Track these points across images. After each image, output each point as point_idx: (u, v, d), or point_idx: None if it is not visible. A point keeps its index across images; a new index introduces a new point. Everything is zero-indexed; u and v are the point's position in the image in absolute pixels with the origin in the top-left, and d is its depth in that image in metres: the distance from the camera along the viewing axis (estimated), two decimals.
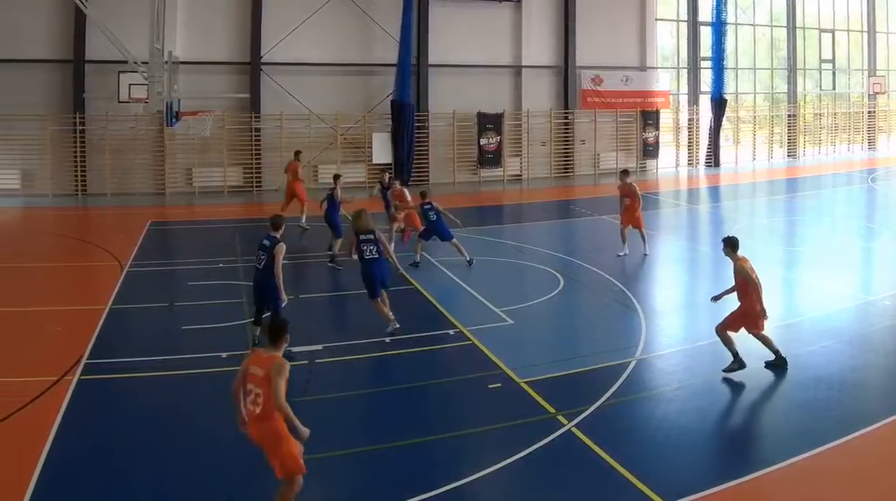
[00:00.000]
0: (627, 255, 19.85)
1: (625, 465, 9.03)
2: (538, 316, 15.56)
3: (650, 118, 39.64)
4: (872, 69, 48.13)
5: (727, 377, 11.72)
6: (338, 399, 10.86)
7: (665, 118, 41.15)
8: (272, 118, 32.74)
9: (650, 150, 39.87)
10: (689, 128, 42.28)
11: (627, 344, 13.40)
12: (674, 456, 9.54)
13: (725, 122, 42.34)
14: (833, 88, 48.04)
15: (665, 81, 41.12)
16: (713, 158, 41.53)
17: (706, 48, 41.65)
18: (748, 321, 11.91)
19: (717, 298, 12.53)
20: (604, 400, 10.97)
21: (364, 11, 33.75)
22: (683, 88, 42.57)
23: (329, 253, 19.63)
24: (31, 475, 8.79)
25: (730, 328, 11.91)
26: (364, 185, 31.18)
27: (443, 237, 19.21)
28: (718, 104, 40.89)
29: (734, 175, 39.35)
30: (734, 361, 11.77)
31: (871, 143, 48.96)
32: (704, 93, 41.97)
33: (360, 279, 14.17)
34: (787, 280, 18.36)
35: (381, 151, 34.19)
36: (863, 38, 48.56)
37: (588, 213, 27.12)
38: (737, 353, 11.76)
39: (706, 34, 41.53)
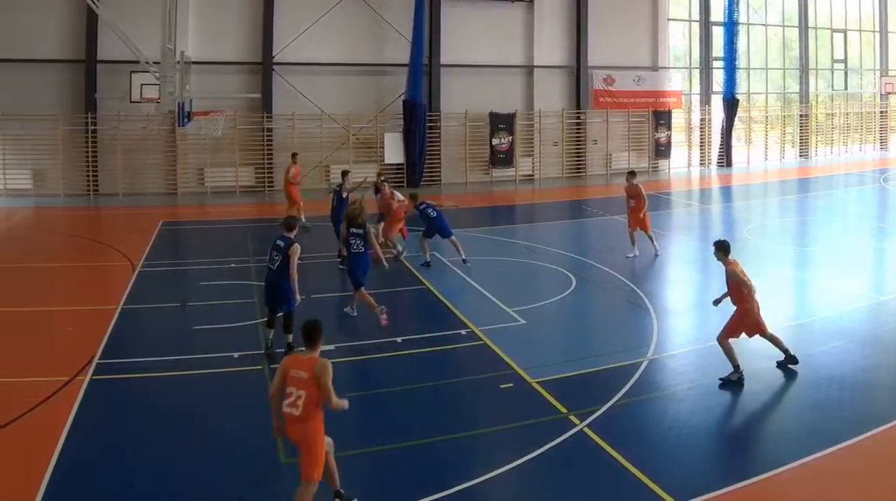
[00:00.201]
0: (637, 257, 19.81)
1: (637, 465, 9.02)
2: (550, 316, 15.55)
3: (662, 118, 39.60)
4: (884, 69, 47.89)
5: (737, 377, 11.62)
6: (349, 399, 10.87)
7: (677, 118, 41.11)
8: (284, 118, 32.81)
9: (662, 150, 39.85)
10: (702, 128, 42.25)
11: (639, 344, 13.39)
12: (686, 456, 9.52)
13: (737, 122, 42.27)
14: (845, 88, 47.87)
15: (677, 81, 41.06)
16: (725, 158, 41.48)
17: (718, 48, 41.58)
18: (748, 326, 11.77)
19: (718, 302, 12.42)
20: (616, 400, 10.96)
21: (376, 11, 33.81)
22: (695, 88, 42.49)
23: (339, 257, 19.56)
24: (43, 475, 8.82)
25: (731, 335, 11.74)
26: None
27: (444, 234, 19.16)
28: (730, 104, 40.83)
29: (746, 175, 39.24)
30: (734, 372, 11.59)
31: (883, 143, 48.75)
32: (716, 93, 41.91)
33: (370, 278, 14.21)
34: (800, 280, 18.34)
35: (393, 151, 34.24)
36: (875, 38, 48.37)
37: (600, 213, 27.07)
38: (738, 365, 11.60)
39: (718, 34, 41.48)
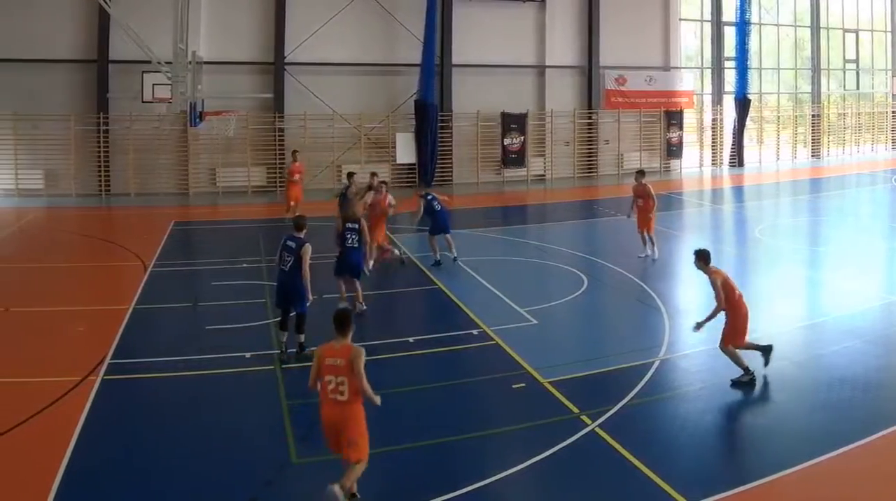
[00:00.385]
0: (649, 257, 19.74)
1: (648, 465, 8.99)
2: (562, 317, 15.53)
3: (674, 118, 39.48)
4: None
5: (749, 379, 11.56)
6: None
7: (689, 118, 40.98)
8: (296, 118, 32.83)
9: (674, 150, 39.73)
10: (713, 128, 42.10)
11: (651, 344, 13.35)
12: (697, 456, 9.51)
13: (749, 122, 42.15)
14: (857, 88, 47.67)
15: (689, 81, 40.92)
16: (737, 158, 41.36)
17: (730, 48, 41.45)
18: (737, 333, 11.58)
19: (700, 326, 11.80)
20: (627, 400, 10.93)
21: (388, 11, 33.81)
22: (707, 88, 42.34)
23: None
24: (55, 475, 8.84)
25: (731, 340, 11.60)
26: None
27: (444, 230, 19.20)
28: (742, 104, 40.71)
29: (758, 175, 39.11)
30: (744, 374, 11.51)
31: (895, 143, 48.51)
32: (728, 93, 41.79)
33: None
34: (811, 280, 18.27)
35: (405, 151, 34.22)
36: (886, 38, 48.13)
37: (612, 213, 26.96)
38: (747, 368, 11.52)
39: (730, 34, 41.35)
